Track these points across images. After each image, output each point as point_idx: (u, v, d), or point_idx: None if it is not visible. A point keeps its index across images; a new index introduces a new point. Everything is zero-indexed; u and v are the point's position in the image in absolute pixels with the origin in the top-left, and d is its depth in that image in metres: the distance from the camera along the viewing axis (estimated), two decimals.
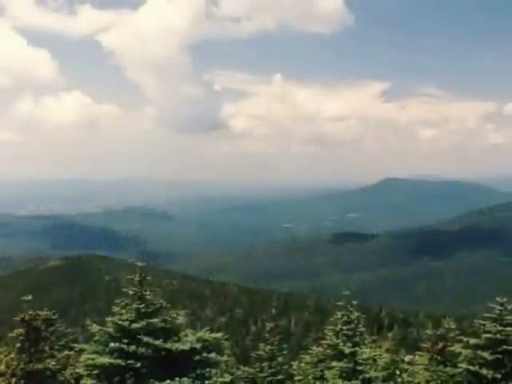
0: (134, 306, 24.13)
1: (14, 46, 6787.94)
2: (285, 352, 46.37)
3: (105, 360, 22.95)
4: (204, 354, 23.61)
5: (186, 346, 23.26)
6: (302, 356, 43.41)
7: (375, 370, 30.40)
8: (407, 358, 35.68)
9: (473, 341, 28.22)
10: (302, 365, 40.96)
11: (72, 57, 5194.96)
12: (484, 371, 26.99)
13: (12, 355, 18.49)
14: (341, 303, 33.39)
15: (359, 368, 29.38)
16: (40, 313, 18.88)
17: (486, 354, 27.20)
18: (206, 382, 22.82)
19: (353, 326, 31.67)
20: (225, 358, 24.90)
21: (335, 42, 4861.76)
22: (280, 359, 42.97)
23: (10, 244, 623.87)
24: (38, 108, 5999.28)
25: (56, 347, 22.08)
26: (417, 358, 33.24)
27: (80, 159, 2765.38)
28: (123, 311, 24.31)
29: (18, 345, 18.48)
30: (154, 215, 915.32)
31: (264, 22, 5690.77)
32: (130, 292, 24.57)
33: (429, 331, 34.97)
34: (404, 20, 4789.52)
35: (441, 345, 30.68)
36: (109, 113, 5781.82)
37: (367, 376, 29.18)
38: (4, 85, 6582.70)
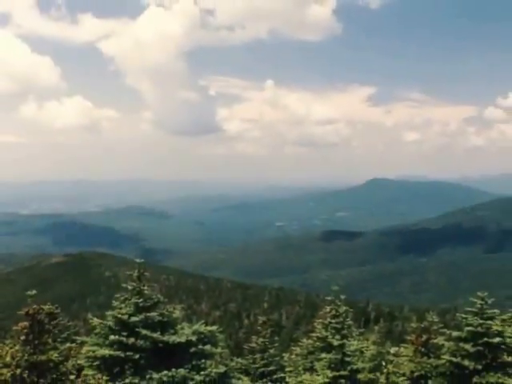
0: (133, 300, 24.16)
1: (18, 53, 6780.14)
2: (276, 344, 46.34)
3: (105, 352, 22.99)
4: (199, 346, 23.66)
5: (183, 339, 23.30)
6: (293, 348, 43.45)
7: (362, 362, 30.47)
8: (393, 350, 35.65)
9: (455, 333, 28.30)
10: (293, 356, 41.01)
11: (74, 63, 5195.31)
12: (466, 362, 27.07)
13: (17, 347, 18.45)
14: (329, 298, 33.46)
15: (347, 359, 29.45)
16: (43, 307, 18.84)
17: (467, 346, 27.28)
18: (202, 372, 22.84)
19: (341, 319, 31.73)
20: (219, 349, 24.91)
21: (324, 50, 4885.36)
22: (272, 351, 42.91)
23: (14, 241, 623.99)
24: (42, 112, 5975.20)
25: (59, 340, 22.13)
26: (402, 349, 33.24)
27: (81, 161, 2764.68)
28: (122, 305, 24.35)
29: (23, 337, 18.45)
30: (152, 214, 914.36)
31: (257, 31, 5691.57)
32: (129, 287, 24.63)
33: (413, 324, 35.03)
34: (390, 28, 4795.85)
35: (425, 337, 30.69)
36: (109, 116, 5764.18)
37: (355, 367, 29.25)
38: (10, 90, 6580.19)
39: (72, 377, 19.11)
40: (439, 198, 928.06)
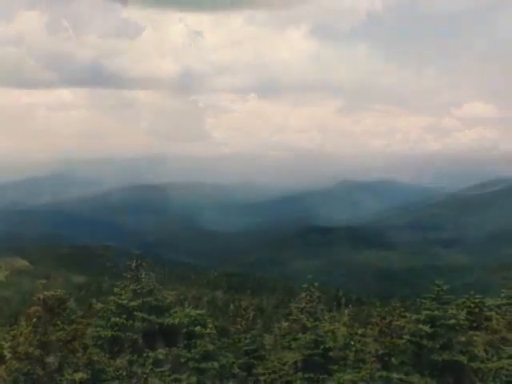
0: (132, 287, 24.20)
1: None
2: (258, 326, 46.51)
3: (107, 332, 23.03)
4: (190, 328, 23.73)
5: (176, 321, 23.38)
6: (273, 329, 43.60)
7: (334, 341, 30.55)
8: (360, 331, 35.82)
9: (415, 316, 28.47)
10: (273, 337, 41.13)
11: (79, 78, 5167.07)
12: (424, 342, 27.26)
13: (30, 328, 18.58)
14: (305, 285, 33.49)
15: (320, 339, 29.51)
16: (53, 293, 18.96)
17: (425, 328, 27.46)
18: (193, 350, 22.94)
19: (315, 304, 31.78)
20: (208, 330, 24.99)
21: (300, 66, 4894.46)
22: (254, 332, 43.06)
23: (25, 234, 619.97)
24: (51, 120, 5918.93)
25: (66, 322, 22.13)
26: (368, 331, 33.43)
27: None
28: (123, 292, 24.38)
29: (36, 320, 18.57)
30: (150, 211, 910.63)
31: (241, 50, 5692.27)
32: (128, 276, 24.65)
33: (378, 309, 35.22)
34: (357, 46, 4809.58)
35: (388, 320, 30.89)
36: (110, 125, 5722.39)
37: (327, 346, 29.31)
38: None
39: (78, 354, 19.21)
40: (401, 197, 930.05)
